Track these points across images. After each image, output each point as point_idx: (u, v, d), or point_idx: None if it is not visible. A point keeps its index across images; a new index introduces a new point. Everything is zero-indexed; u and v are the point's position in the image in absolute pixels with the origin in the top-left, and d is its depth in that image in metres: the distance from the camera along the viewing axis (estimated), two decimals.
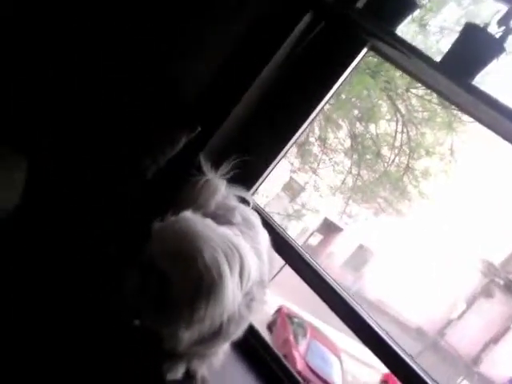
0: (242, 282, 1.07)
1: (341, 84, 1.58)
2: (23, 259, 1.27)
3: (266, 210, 1.61)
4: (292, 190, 6.84)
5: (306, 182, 6.01)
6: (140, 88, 1.47)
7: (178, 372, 1.21)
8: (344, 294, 1.45)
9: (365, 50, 1.53)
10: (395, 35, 1.41)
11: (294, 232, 6.92)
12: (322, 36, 1.52)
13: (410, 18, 1.46)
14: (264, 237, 1.32)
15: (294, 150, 4.90)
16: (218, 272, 1.01)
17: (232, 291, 1.04)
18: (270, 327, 6.14)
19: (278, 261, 1.42)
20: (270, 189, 5.99)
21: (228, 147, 1.57)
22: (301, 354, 5.75)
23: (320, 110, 1.60)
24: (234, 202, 1.32)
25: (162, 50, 1.56)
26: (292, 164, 5.52)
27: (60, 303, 1.23)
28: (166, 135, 1.45)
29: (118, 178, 1.46)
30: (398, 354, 1.30)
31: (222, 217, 1.28)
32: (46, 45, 1.45)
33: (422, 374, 1.26)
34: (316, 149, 5.33)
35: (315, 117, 1.61)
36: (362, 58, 1.55)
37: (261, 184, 1.68)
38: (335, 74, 1.53)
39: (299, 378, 1.54)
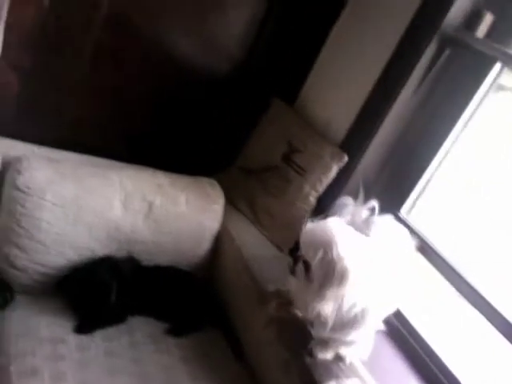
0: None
1: (479, 104, 1.70)
2: None
3: None
4: None
5: None
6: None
7: (328, 354, 1.50)
8: None
9: (497, 68, 1.64)
10: None
11: None
12: (450, 61, 1.69)
13: None
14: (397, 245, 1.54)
15: None
16: (347, 263, 1.29)
17: (357, 283, 1.32)
18: None
19: None
20: None
21: (374, 171, 1.85)
22: None
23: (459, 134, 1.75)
24: (364, 216, 1.58)
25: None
26: None
27: None
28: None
29: None
30: None
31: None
32: None
33: None
34: None
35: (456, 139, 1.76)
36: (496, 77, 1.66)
37: (415, 202, 1.88)
38: (467, 96, 1.68)
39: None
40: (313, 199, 1.90)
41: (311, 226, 1.39)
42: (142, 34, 1.92)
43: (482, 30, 1.61)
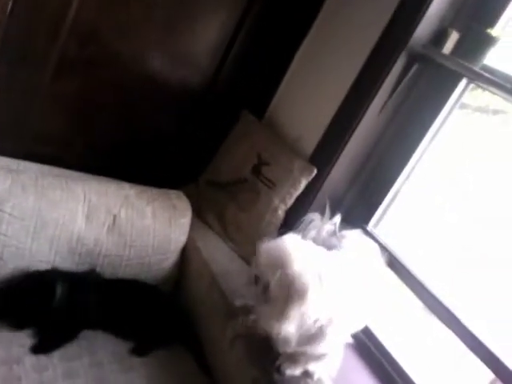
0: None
1: (445, 120, 1.73)
2: None
3: None
4: None
5: None
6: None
7: (296, 370, 1.47)
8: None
9: (462, 85, 1.67)
10: (480, 71, 1.55)
11: None
12: (417, 77, 1.72)
13: None
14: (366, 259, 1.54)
15: None
16: (305, 280, 1.28)
17: (317, 298, 1.30)
18: None
19: None
20: None
21: (342, 185, 1.85)
22: None
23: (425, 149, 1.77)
24: (330, 231, 1.58)
25: None
26: None
27: None
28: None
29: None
30: None
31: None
32: None
33: None
34: None
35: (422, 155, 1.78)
36: (461, 93, 1.69)
37: (382, 216, 1.89)
38: (434, 111, 1.70)
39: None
40: (281, 213, 1.88)
41: (267, 246, 1.37)
42: (110, 44, 1.88)
43: (448, 47, 1.64)
